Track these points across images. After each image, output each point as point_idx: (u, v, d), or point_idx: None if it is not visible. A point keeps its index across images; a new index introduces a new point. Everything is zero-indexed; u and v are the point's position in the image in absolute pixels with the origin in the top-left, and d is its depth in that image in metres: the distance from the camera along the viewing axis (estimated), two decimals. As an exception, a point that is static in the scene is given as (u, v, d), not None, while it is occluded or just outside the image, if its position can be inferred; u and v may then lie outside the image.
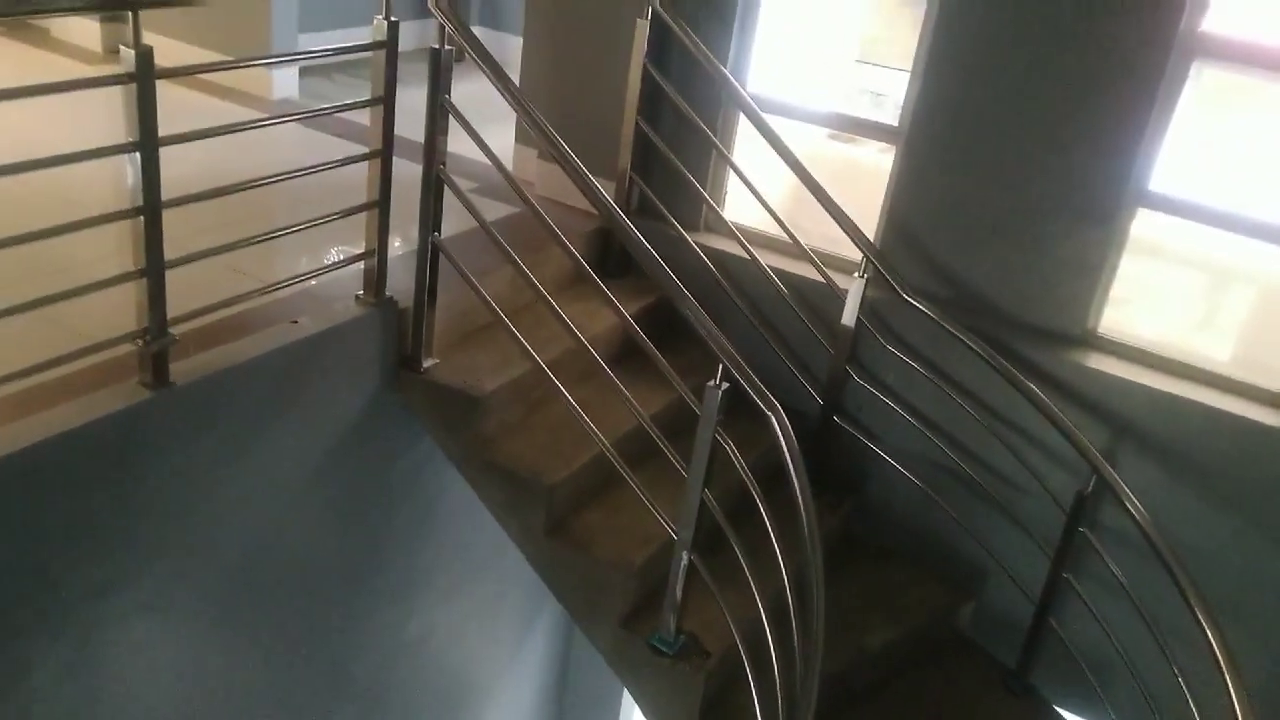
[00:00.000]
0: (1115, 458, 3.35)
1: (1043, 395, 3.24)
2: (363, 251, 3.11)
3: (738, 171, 3.63)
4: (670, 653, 2.92)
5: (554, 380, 3.01)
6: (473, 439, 3.19)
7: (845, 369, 3.61)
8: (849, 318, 3.51)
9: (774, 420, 2.51)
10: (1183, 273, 4.81)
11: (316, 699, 3.65)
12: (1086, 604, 3.35)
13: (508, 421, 3.29)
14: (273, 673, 3.38)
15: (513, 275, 3.31)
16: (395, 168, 3.02)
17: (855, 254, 3.45)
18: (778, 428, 2.51)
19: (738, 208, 3.98)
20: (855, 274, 3.46)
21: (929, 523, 3.79)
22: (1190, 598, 2.80)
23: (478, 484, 3.24)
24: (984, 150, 3.42)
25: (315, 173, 2.90)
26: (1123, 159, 3.25)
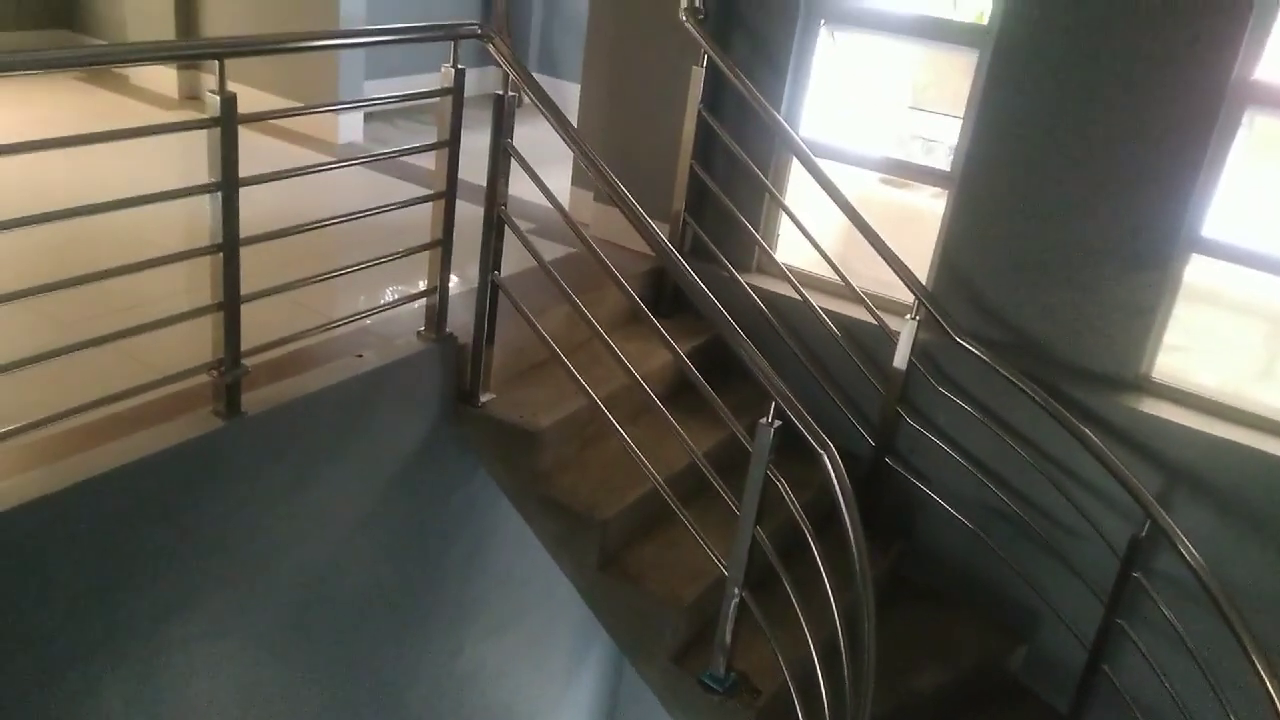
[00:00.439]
0: (1170, 503, 3.33)
1: (1096, 439, 3.24)
2: (424, 289, 3.21)
3: (790, 215, 3.70)
4: (721, 690, 2.93)
5: (608, 416, 3.06)
6: (527, 473, 3.26)
7: (897, 410, 3.63)
8: (901, 359, 3.54)
9: (826, 459, 2.54)
10: (1239, 320, 4.77)
11: (369, 728, 3.71)
12: (1140, 650, 3.32)
13: (562, 457, 3.35)
14: (328, 700, 3.44)
15: (568, 314, 3.40)
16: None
17: (907, 296, 3.48)
18: (830, 466, 2.53)
19: (789, 250, 4.04)
20: (907, 316, 3.49)
21: (981, 566, 3.77)
22: (1247, 645, 2.76)
23: (531, 518, 3.30)
24: (1036, 194, 3.46)
25: (381, 213, 3.01)
26: (1176, 204, 3.26)
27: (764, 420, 2.62)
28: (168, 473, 2.50)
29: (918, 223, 4.34)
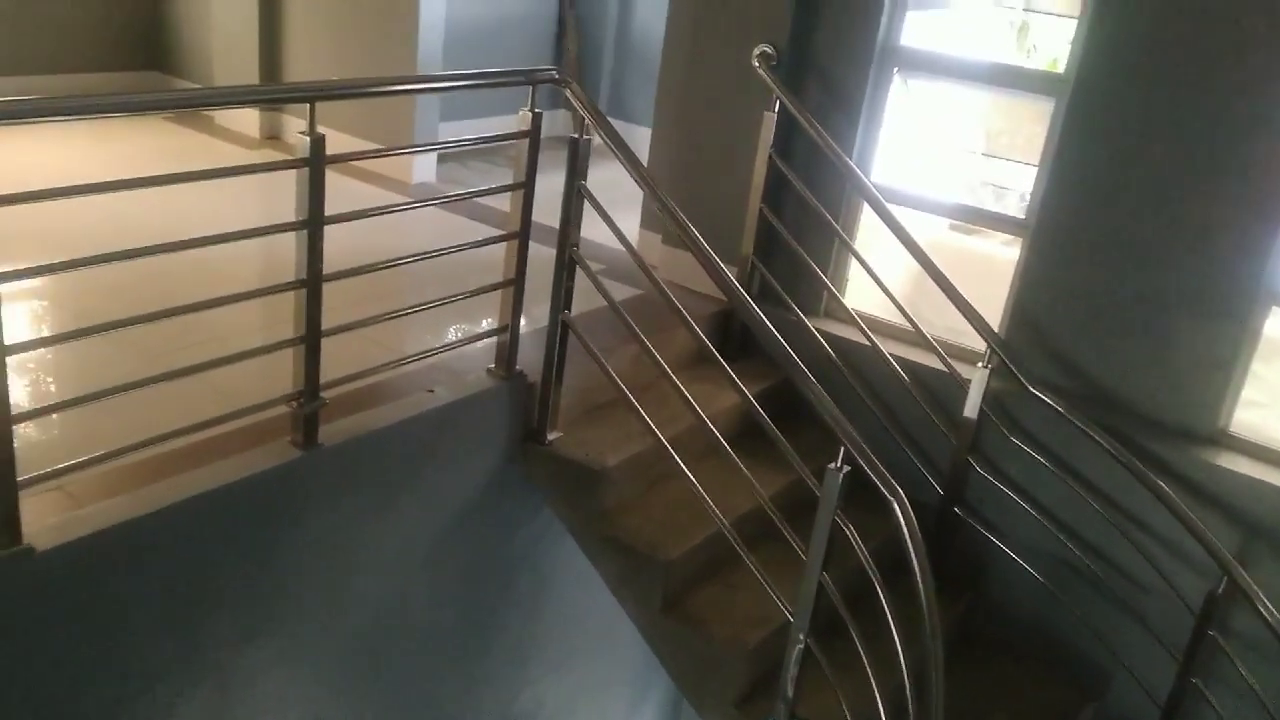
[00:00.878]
0: (1247, 559, 3.24)
1: (1171, 493, 3.17)
2: (495, 327, 3.25)
3: (861, 260, 3.69)
4: (783, 737, 2.90)
5: (675, 457, 3.07)
6: (592, 512, 3.27)
7: (967, 460, 3.58)
8: (972, 408, 3.50)
9: (896, 506, 2.51)
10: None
11: (430, 762, 3.72)
12: (1216, 710, 3.22)
13: (627, 496, 3.36)
14: (390, 732, 3.47)
15: (635, 354, 3.42)
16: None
17: (977, 344, 3.45)
18: (900, 514, 2.51)
19: (856, 295, 4.03)
20: (978, 364, 3.46)
21: (1051, 620, 3.70)
22: (1333, 711, 2.67)
23: (595, 557, 3.31)
24: (1112, 243, 3.42)
25: (454, 252, 3.07)
26: (1256, 256, 3.21)
27: (833, 465, 2.60)
28: (248, 500, 2.56)
29: (988, 269, 4.31)
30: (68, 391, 2.11)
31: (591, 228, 3.16)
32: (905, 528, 2.51)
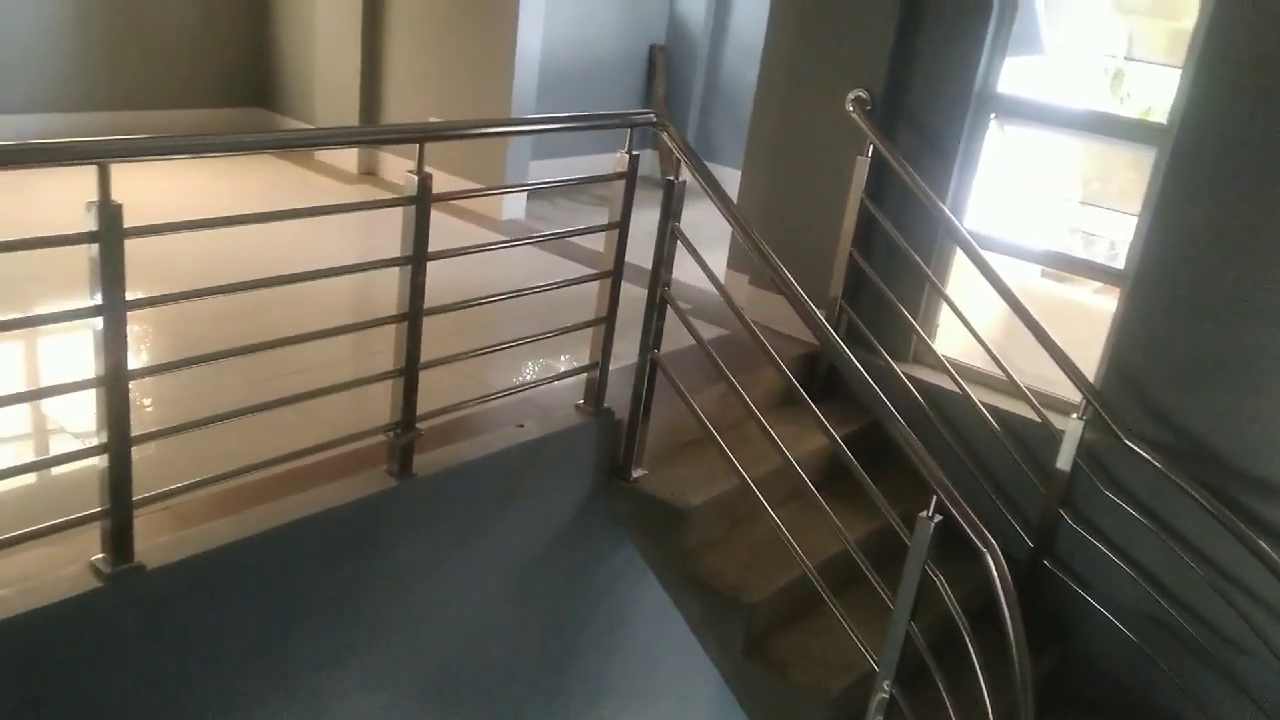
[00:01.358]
0: (1357, 628, 3.12)
1: (1271, 552, 3.07)
2: (585, 364, 3.30)
3: (953, 307, 3.66)
4: (864, 788, 2.85)
5: (760, 498, 3.07)
6: (675, 551, 3.28)
7: (1058, 512, 3.51)
8: (1065, 460, 3.44)
9: (990, 559, 2.48)
10: None
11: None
12: (1321, 785, 3.09)
13: (710, 536, 3.36)
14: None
15: (720, 394, 3.44)
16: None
17: (1071, 394, 3.40)
18: (994, 567, 2.47)
19: (943, 340, 4.00)
20: (1073, 415, 3.40)
21: (1141, 679, 3.59)
22: None
23: (677, 596, 3.31)
24: (1215, 295, 3.34)
25: (550, 290, 3.12)
26: (1369, 312, 3.11)
27: (924, 514, 2.58)
28: (345, 526, 2.63)
29: (1079, 318, 4.25)
30: (166, 414, 2.19)
31: (679, 267, 3.19)
32: (999, 581, 2.46)
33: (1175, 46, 4.97)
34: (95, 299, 1.97)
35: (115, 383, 2.03)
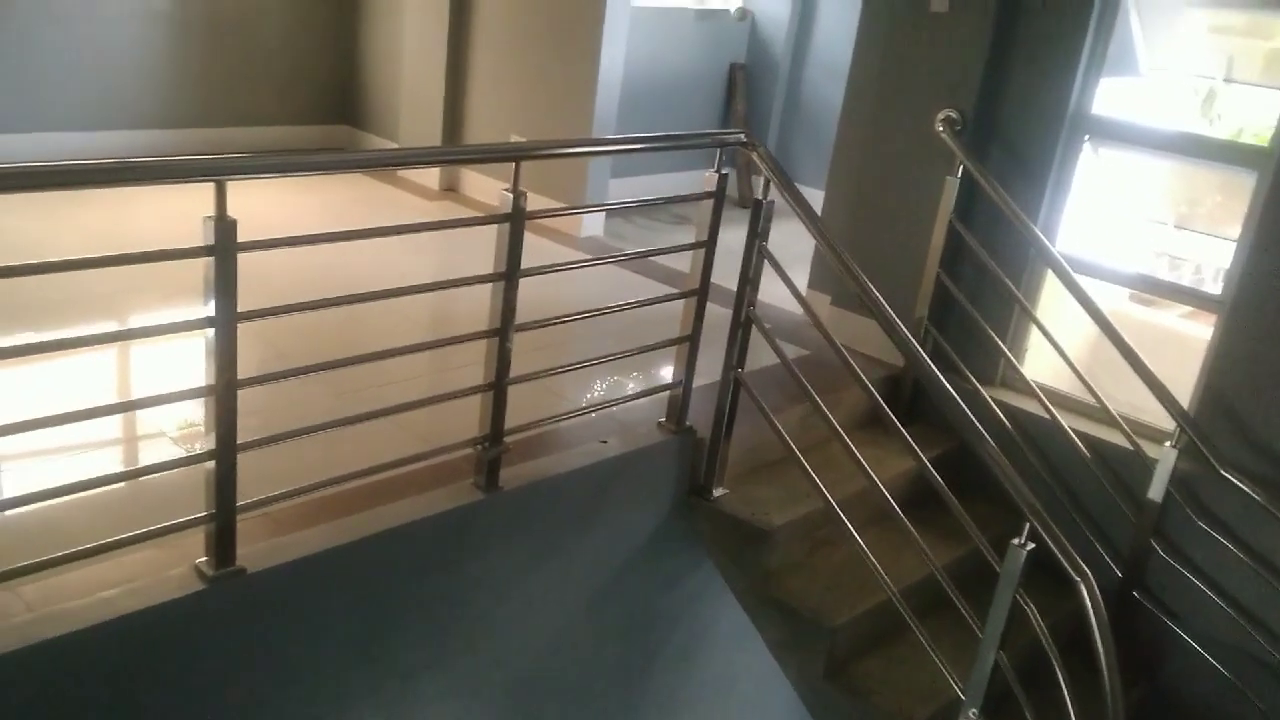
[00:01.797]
0: None
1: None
2: (668, 381, 3.30)
3: (1044, 331, 3.60)
4: (948, 819, 2.80)
5: (844, 521, 3.04)
6: (756, 572, 3.26)
7: (1150, 543, 3.43)
8: (1157, 490, 3.35)
9: (1084, 589, 2.42)
10: None
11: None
12: None
13: (792, 558, 3.34)
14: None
15: (803, 414, 3.42)
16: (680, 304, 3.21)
17: (1163, 421, 3.31)
18: (1087, 597, 2.42)
19: (1031, 365, 3.93)
20: (1166, 443, 3.31)
21: (1233, 716, 3.47)
22: None
23: (756, 618, 3.29)
24: (1319, 324, 3.24)
25: (635, 308, 3.14)
26: None
27: (1016, 541, 2.53)
28: (433, 537, 2.67)
29: (1168, 343, 4.14)
30: (255, 423, 2.24)
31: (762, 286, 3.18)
32: (1093, 612, 2.41)
33: (1270, 67, 4.84)
34: (209, 310, 2.03)
35: (225, 392, 2.09)
